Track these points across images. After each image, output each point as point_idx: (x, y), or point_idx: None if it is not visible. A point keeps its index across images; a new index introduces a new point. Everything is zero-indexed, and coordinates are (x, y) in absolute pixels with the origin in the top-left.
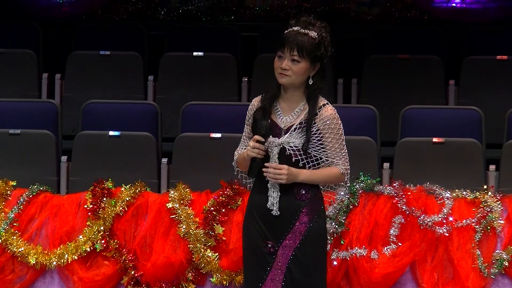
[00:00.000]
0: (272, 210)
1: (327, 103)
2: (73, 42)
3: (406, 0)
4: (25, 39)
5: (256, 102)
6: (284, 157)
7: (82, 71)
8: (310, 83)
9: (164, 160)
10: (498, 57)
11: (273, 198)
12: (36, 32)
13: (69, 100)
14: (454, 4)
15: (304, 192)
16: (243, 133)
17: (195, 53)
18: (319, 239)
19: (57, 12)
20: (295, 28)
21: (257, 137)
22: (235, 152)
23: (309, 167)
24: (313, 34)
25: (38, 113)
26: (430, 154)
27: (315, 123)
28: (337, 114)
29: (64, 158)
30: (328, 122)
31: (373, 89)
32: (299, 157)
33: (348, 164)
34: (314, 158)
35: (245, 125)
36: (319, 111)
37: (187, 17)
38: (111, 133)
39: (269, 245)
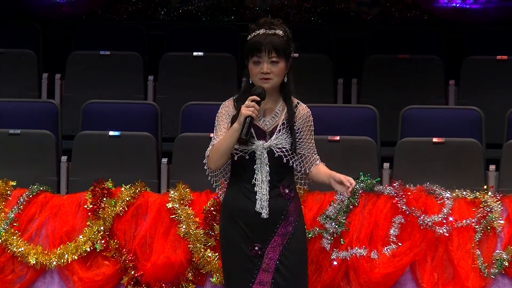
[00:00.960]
0: (261, 213)
1: (300, 102)
2: (73, 42)
3: (406, 0)
4: (25, 39)
5: (230, 104)
6: (273, 159)
7: (82, 71)
8: (285, 81)
9: (164, 160)
10: (498, 57)
11: (263, 201)
12: (36, 32)
13: (69, 100)
14: (454, 4)
15: (288, 191)
16: (214, 136)
17: (195, 53)
18: (303, 236)
19: (57, 12)
20: (261, 31)
21: (253, 97)
22: (208, 148)
23: (296, 165)
24: (279, 32)
25: (38, 113)
26: (430, 154)
27: (295, 122)
28: (310, 112)
29: (64, 158)
30: (305, 119)
31: (373, 89)
32: (289, 157)
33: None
34: (298, 156)
35: (219, 128)
36: (296, 110)
37: (187, 17)
38: (111, 133)
39: (256, 248)
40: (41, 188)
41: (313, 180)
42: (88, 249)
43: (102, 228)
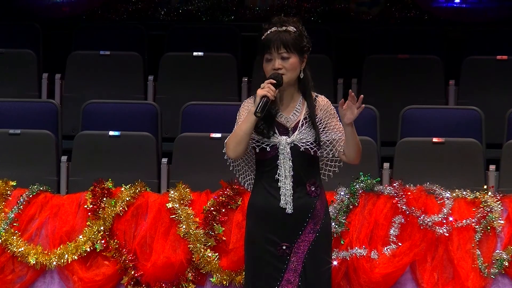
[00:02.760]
0: (285, 209)
1: (318, 94)
2: (73, 42)
3: (406, 0)
4: (25, 39)
5: (251, 101)
6: (298, 155)
7: (82, 71)
8: (301, 77)
9: (164, 160)
10: (498, 57)
11: (287, 196)
12: (36, 32)
13: (69, 100)
14: (454, 4)
15: (314, 188)
16: (235, 128)
17: (195, 53)
18: (329, 235)
19: (57, 12)
20: (273, 29)
21: (269, 80)
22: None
23: (323, 154)
24: (291, 28)
25: (38, 113)
26: (430, 154)
27: (316, 114)
28: (329, 101)
29: (64, 158)
30: (327, 109)
31: (373, 89)
32: (315, 149)
33: None
34: (328, 142)
35: (239, 120)
36: (315, 103)
37: (187, 17)
38: (111, 133)
39: (284, 247)
40: (41, 188)
41: (349, 152)
42: (88, 249)
43: (102, 228)
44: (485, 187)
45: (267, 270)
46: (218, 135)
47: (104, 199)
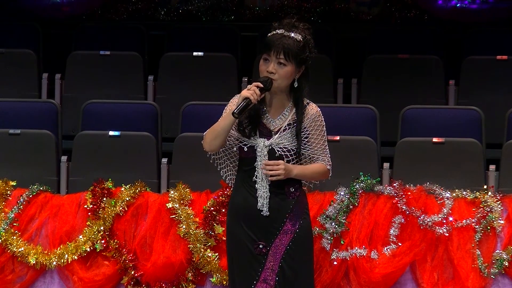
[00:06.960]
0: (262, 211)
1: (310, 102)
2: (73, 42)
3: (406, 0)
4: (25, 39)
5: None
6: (275, 158)
7: (82, 71)
8: (296, 86)
9: (164, 160)
10: (498, 57)
11: (263, 199)
12: (36, 32)
13: (69, 100)
14: (454, 4)
15: (293, 190)
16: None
17: (195, 53)
18: (308, 236)
19: (57, 12)
20: (279, 31)
21: (257, 83)
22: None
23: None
24: (298, 36)
25: (38, 113)
26: (430, 154)
27: (302, 122)
28: (320, 111)
29: (64, 158)
30: (314, 119)
31: (373, 89)
32: (290, 158)
33: (330, 161)
34: (302, 157)
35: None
36: (304, 110)
37: (187, 17)
38: (111, 133)
39: (261, 246)
40: (41, 188)
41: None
42: (88, 249)
43: (102, 228)
44: (485, 187)
45: (245, 268)
46: None
47: (104, 199)
